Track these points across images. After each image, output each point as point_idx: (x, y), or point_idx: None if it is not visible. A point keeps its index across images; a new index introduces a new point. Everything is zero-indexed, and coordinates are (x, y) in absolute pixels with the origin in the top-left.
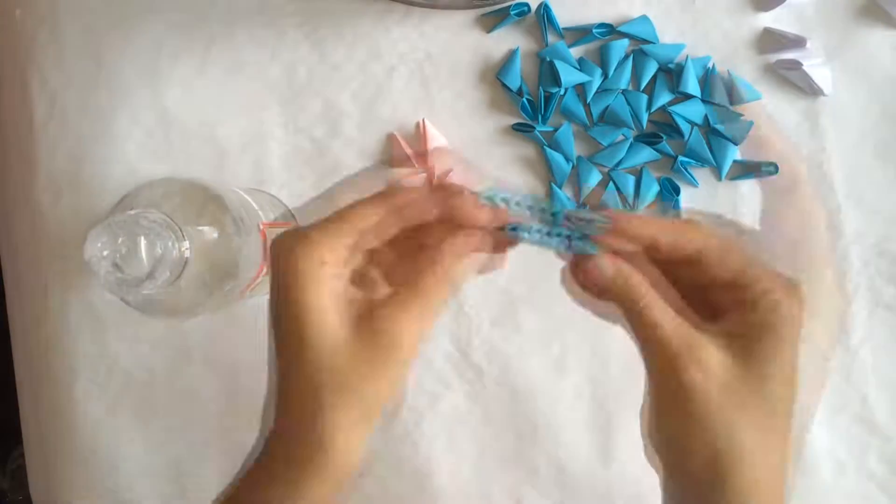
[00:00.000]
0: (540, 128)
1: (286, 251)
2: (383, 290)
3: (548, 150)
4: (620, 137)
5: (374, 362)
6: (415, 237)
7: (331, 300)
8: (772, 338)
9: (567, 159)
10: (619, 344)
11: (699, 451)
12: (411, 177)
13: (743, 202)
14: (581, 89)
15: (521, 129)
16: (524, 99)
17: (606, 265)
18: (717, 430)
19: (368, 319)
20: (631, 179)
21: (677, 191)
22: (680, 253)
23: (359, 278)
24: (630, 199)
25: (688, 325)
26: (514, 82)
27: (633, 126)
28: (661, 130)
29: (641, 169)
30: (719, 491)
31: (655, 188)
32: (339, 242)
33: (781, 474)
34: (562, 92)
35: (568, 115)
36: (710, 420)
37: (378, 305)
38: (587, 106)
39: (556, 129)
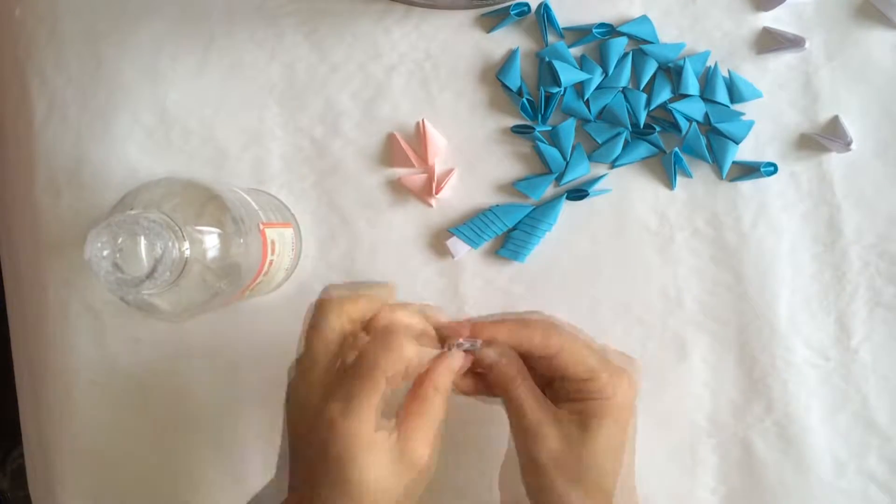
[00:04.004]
0: (540, 128)
1: (333, 424)
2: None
3: (541, 145)
4: (617, 134)
5: (412, 486)
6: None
7: (376, 452)
8: (603, 422)
9: (563, 155)
10: (618, 344)
11: None
12: (412, 177)
13: (744, 202)
14: (581, 87)
15: (520, 132)
16: (524, 99)
17: (489, 353)
18: (552, 496)
19: (402, 451)
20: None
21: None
22: (543, 352)
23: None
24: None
25: (543, 407)
26: (514, 82)
27: (629, 125)
28: (660, 126)
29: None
30: None
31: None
32: (373, 402)
33: None
34: (562, 92)
35: (569, 112)
36: (547, 487)
37: (405, 438)
38: (587, 102)
39: (554, 128)
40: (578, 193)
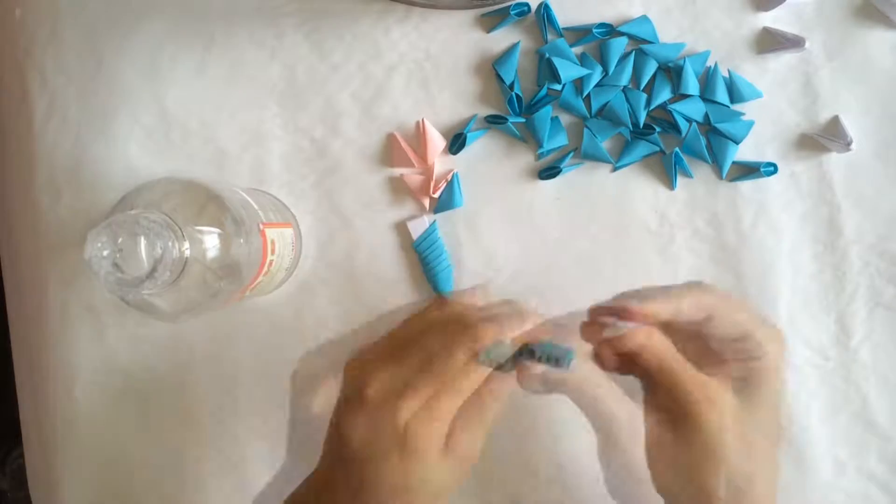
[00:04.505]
0: (513, 119)
1: (407, 427)
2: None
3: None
4: (617, 135)
5: (460, 476)
6: None
7: (439, 457)
8: (765, 381)
9: (540, 144)
10: None
11: (712, 479)
12: (412, 176)
13: (744, 202)
14: (580, 83)
15: (493, 122)
16: (513, 94)
17: (638, 336)
18: (730, 459)
19: (453, 449)
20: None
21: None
22: (694, 317)
23: None
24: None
25: (700, 373)
26: (508, 75)
27: (629, 125)
28: (660, 127)
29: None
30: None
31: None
32: (453, 410)
33: (774, 493)
34: (545, 92)
35: (567, 109)
36: (724, 451)
37: (457, 437)
38: (587, 98)
39: (528, 118)
40: (551, 171)
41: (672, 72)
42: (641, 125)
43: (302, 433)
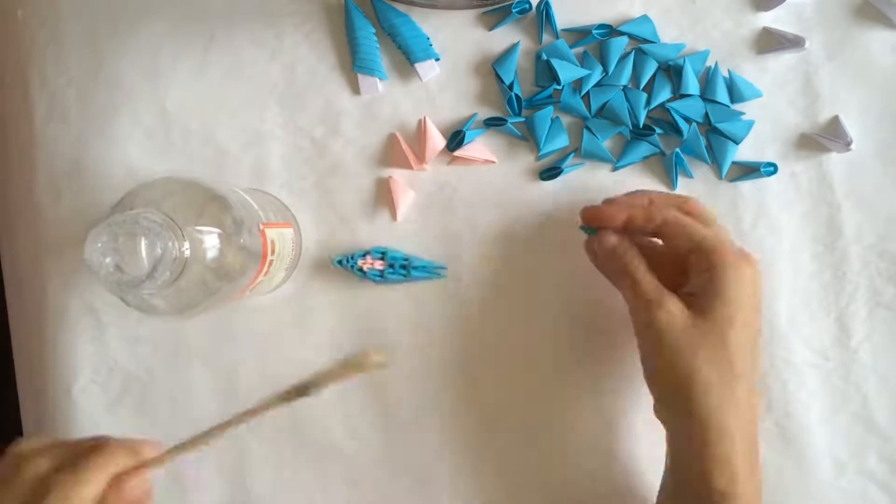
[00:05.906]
0: (513, 120)
1: None
2: None
3: (517, 135)
4: (617, 134)
5: None
6: None
7: None
8: (719, 295)
9: (538, 144)
10: (620, 345)
11: (669, 380)
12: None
13: (744, 202)
14: (578, 84)
15: (493, 124)
16: (512, 94)
17: (611, 238)
18: (679, 362)
19: None
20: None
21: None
22: (649, 228)
23: None
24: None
25: (659, 283)
26: (507, 75)
27: (629, 124)
28: (660, 128)
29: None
30: (687, 413)
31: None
32: None
33: (744, 404)
34: (557, 87)
35: (567, 110)
36: (675, 355)
37: None
38: (586, 97)
39: (528, 118)
40: (552, 172)
41: (672, 71)
42: (641, 125)
43: None
